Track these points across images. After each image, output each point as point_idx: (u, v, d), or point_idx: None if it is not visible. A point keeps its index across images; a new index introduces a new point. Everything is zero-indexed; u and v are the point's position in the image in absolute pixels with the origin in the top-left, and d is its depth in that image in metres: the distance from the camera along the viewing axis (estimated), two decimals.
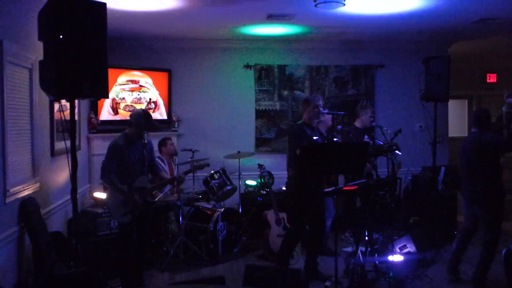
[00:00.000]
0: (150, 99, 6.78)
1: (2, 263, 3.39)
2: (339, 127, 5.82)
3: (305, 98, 4.89)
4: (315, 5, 4.92)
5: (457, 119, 10.56)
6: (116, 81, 6.46)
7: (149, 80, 6.79)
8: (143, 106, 6.65)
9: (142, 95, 6.72)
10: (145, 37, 6.84)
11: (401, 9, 5.46)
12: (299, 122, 4.77)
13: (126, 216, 4.16)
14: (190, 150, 6.18)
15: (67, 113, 3.77)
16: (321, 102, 4.67)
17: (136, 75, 6.69)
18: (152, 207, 4.58)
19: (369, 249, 4.63)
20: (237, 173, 6.32)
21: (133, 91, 6.64)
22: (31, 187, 3.98)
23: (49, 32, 3.11)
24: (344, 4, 4.89)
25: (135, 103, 6.65)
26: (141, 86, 6.71)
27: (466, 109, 10.97)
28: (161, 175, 4.77)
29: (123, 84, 6.57)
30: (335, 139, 5.07)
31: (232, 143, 7.20)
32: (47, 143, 4.58)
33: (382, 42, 7.47)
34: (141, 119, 4.25)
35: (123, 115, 6.46)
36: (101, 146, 6.16)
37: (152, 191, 4.59)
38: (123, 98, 6.57)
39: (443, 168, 6.41)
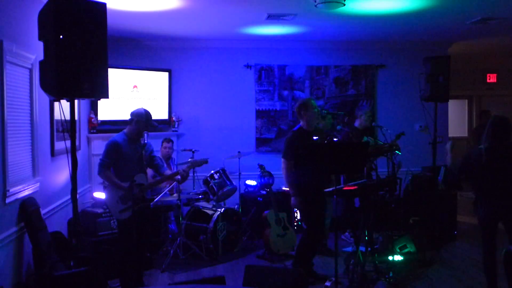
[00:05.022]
0: None
1: (2, 263, 3.39)
2: (339, 127, 5.82)
3: (301, 104, 4.63)
4: (315, 5, 4.92)
5: (457, 119, 10.56)
6: None
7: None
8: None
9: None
10: (145, 37, 6.84)
11: (401, 9, 5.46)
12: (295, 128, 4.68)
13: (124, 213, 4.17)
14: (190, 150, 6.17)
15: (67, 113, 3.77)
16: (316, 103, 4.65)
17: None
18: (150, 204, 4.58)
19: (369, 249, 4.63)
20: (237, 173, 6.32)
21: None
22: (31, 187, 3.98)
23: (49, 32, 3.10)
24: (344, 4, 4.89)
25: None
26: None
27: (466, 109, 10.97)
28: (166, 173, 4.77)
29: None
30: (335, 139, 5.06)
31: (232, 143, 7.20)
32: (47, 143, 4.58)
33: (383, 42, 7.47)
34: (142, 118, 4.26)
35: None
36: (101, 146, 6.13)
37: (152, 187, 4.59)
38: None
39: (443, 168, 6.41)
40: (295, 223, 6.36)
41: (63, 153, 4.85)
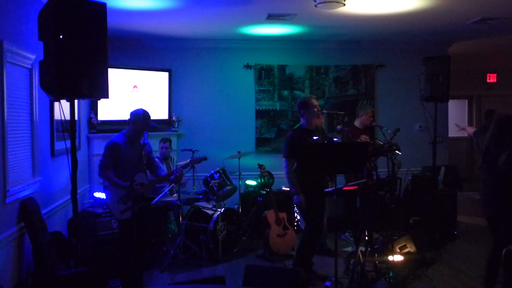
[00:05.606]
0: None
1: (2, 263, 3.39)
2: (339, 127, 5.82)
3: (301, 102, 4.66)
4: (315, 5, 4.92)
5: (457, 119, 10.56)
6: None
7: None
8: None
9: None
10: (145, 37, 6.84)
11: (401, 9, 5.46)
12: (295, 127, 4.69)
13: (125, 213, 4.17)
14: (190, 150, 6.17)
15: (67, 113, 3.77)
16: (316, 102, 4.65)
17: None
18: (150, 203, 4.59)
19: (369, 249, 4.63)
20: (237, 173, 6.32)
21: None
22: (31, 187, 3.98)
23: (49, 32, 3.11)
24: (344, 4, 4.89)
25: None
26: None
27: (466, 109, 10.98)
28: (161, 175, 4.77)
29: None
30: (335, 139, 5.06)
31: (232, 143, 7.20)
32: (47, 143, 4.58)
33: (382, 42, 7.47)
34: (140, 118, 4.26)
35: None
36: (101, 146, 6.12)
37: (151, 186, 4.59)
38: None
39: (443, 168, 6.41)
40: (295, 223, 6.36)
41: (63, 153, 4.85)
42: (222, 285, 2.76)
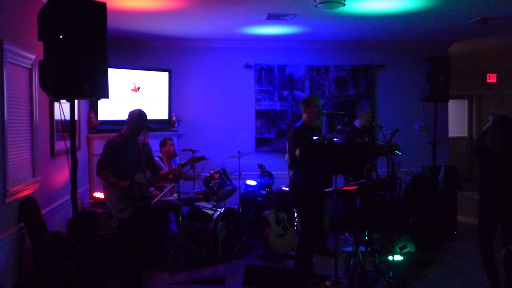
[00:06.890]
0: None
1: (2, 263, 3.39)
2: (339, 127, 5.83)
3: (304, 99, 4.83)
4: (315, 5, 4.92)
5: (457, 119, 10.57)
6: None
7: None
8: None
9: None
10: (145, 37, 6.84)
11: (401, 9, 5.46)
12: (298, 123, 4.75)
13: (124, 212, 4.18)
14: (190, 150, 6.17)
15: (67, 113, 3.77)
16: (321, 102, 4.69)
17: None
18: (150, 202, 4.59)
19: (369, 249, 4.63)
20: (237, 173, 6.31)
21: None
22: (31, 187, 3.98)
23: (49, 32, 3.11)
24: (344, 4, 4.89)
25: None
26: None
27: (466, 109, 10.98)
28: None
29: None
30: (335, 139, 5.06)
31: (232, 143, 7.20)
32: (47, 143, 4.58)
33: (383, 42, 7.47)
34: (134, 118, 4.28)
35: None
36: (101, 146, 6.09)
37: (150, 185, 4.60)
38: None
39: (443, 168, 6.41)
40: (295, 223, 6.36)
41: (63, 153, 4.85)
42: (222, 285, 2.76)
